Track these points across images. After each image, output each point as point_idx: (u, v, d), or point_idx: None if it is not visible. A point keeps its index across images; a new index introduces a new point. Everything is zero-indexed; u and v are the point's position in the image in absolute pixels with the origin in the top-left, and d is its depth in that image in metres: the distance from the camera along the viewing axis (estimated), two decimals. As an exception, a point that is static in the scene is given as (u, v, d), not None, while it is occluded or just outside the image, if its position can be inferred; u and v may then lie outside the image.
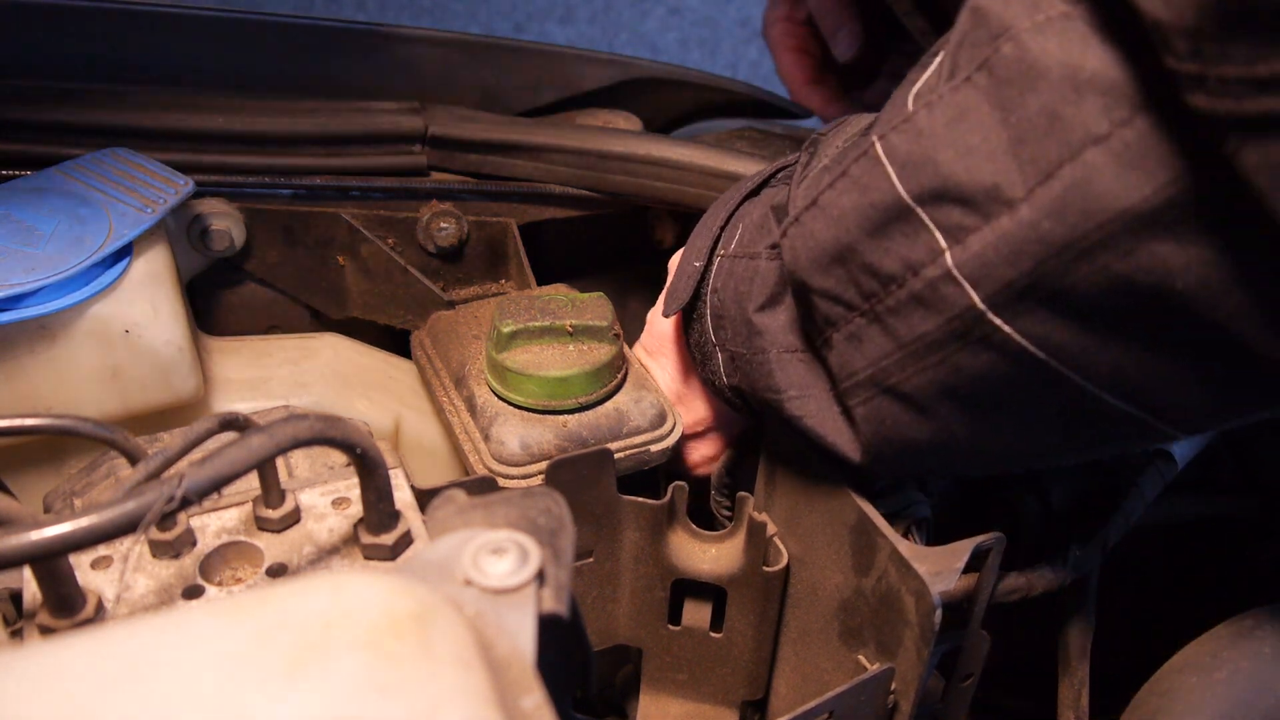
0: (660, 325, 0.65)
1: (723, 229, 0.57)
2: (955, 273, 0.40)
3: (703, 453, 0.66)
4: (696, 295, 0.57)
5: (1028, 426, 0.44)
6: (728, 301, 0.54)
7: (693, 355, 0.60)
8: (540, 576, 0.32)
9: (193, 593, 0.40)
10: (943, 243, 0.40)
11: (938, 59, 0.41)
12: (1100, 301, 0.37)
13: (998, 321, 0.39)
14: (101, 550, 0.41)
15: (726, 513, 0.66)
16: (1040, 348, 0.39)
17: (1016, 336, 0.39)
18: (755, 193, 0.57)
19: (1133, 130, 0.34)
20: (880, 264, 0.43)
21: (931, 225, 0.40)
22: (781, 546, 0.59)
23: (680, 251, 0.61)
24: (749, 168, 0.71)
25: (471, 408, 0.64)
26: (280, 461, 0.47)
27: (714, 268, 0.56)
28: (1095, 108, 0.34)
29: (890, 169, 0.41)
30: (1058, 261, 0.37)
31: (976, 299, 0.39)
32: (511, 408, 0.62)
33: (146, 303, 0.60)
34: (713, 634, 0.64)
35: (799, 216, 0.46)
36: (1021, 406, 0.43)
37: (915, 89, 0.41)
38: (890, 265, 0.42)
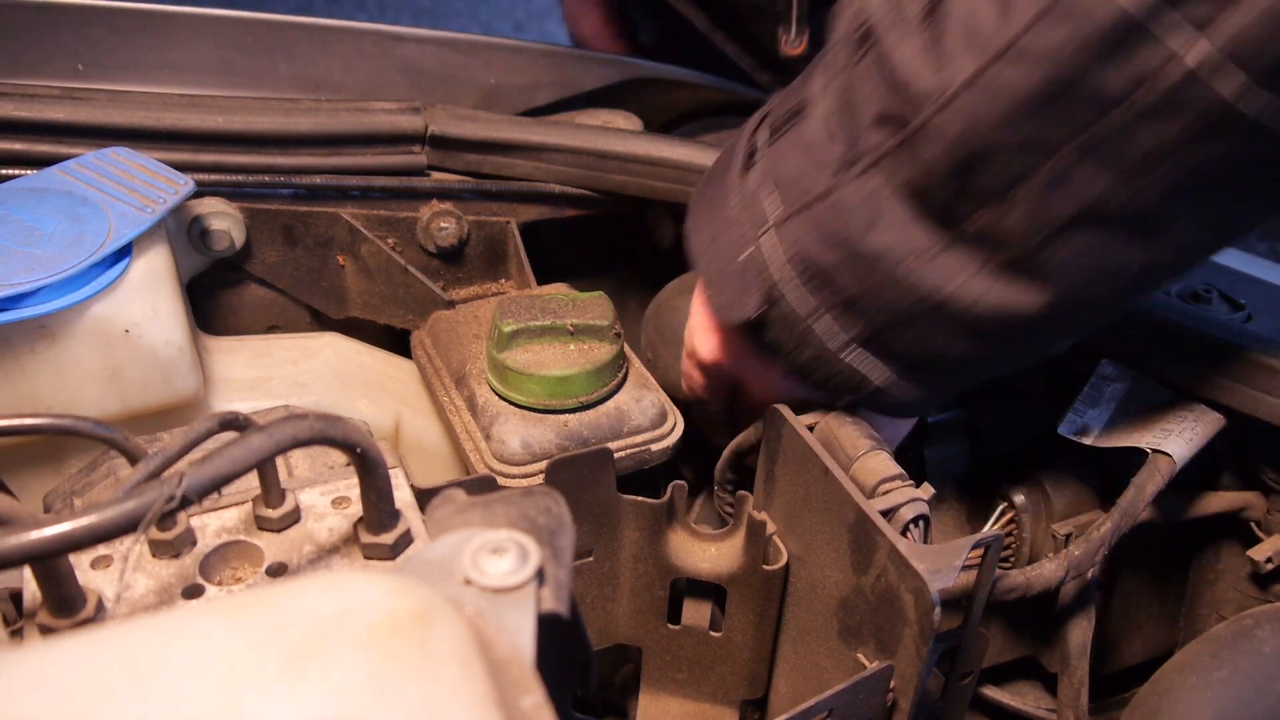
0: (709, 347, 0.61)
1: (743, 211, 0.54)
2: (1198, 71, 0.40)
3: None
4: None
5: (1251, 203, 0.46)
6: (822, 253, 0.51)
7: (771, 351, 0.56)
8: (540, 576, 0.32)
9: (193, 592, 0.40)
10: (1177, 45, 0.40)
11: None
12: None
13: (1246, 110, 0.41)
14: (101, 550, 0.41)
15: (730, 510, 0.66)
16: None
17: (1262, 119, 0.41)
18: (747, 169, 0.55)
19: None
20: (1103, 88, 0.42)
21: (1164, 30, 0.40)
22: (781, 545, 0.59)
23: (698, 313, 0.60)
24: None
25: (472, 407, 0.64)
26: (280, 461, 0.47)
27: (768, 241, 0.53)
28: None
29: None
30: None
31: (1225, 93, 0.40)
32: (512, 407, 0.62)
33: (146, 303, 0.60)
34: (712, 633, 0.64)
35: (956, 93, 0.45)
36: (1248, 184, 0.45)
37: None
38: (1115, 86, 0.42)
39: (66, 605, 0.37)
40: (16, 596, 0.41)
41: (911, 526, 0.53)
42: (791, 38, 0.77)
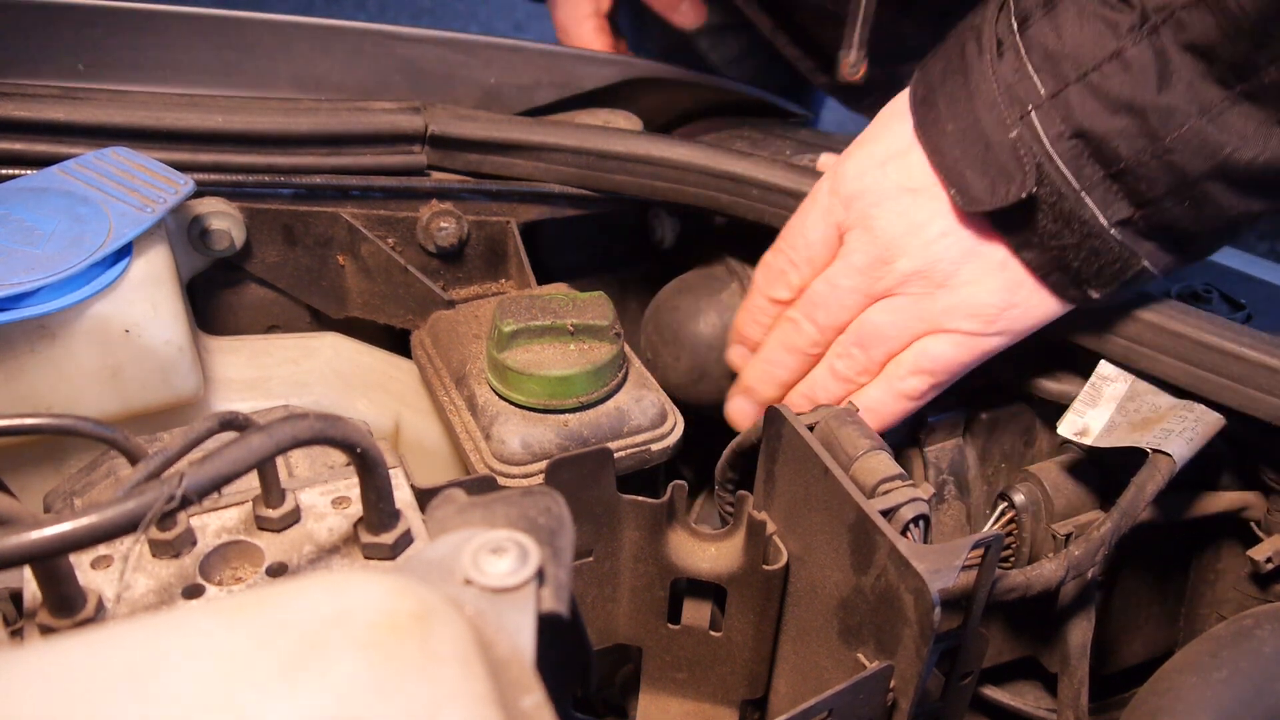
0: (919, 244, 0.59)
1: (1002, 94, 0.54)
2: None
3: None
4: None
5: None
6: (1107, 119, 0.51)
7: (1026, 238, 0.56)
8: (540, 576, 0.32)
9: (193, 592, 0.40)
10: None
11: None
12: None
13: None
14: (101, 550, 0.41)
15: (730, 509, 0.66)
16: None
17: None
18: (1000, 53, 0.55)
19: None
20: None
21: None
22: (781, 545, 0.59)
23: (878, 144, 0.60)
24: (749, 168, 0.71)
25: (472, 407, 0.64)
26: (280, 461, 0.47)
27: (1036, 119, 0.53)
28: None
29: None
30: None
31: None
32: (512, 407, 0.62)
33: (146, 302, 0.60)
34: (712, 633, 0.64)
35: None
36: None
37: None
38: None
39: (66, 605, 0.37)
40: (16, 596, 0.41)
41: (911, 526, 0.53)
42: (851, 63, 0.78)
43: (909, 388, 0.63)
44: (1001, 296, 0.59)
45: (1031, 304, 0.59)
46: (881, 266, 0.61)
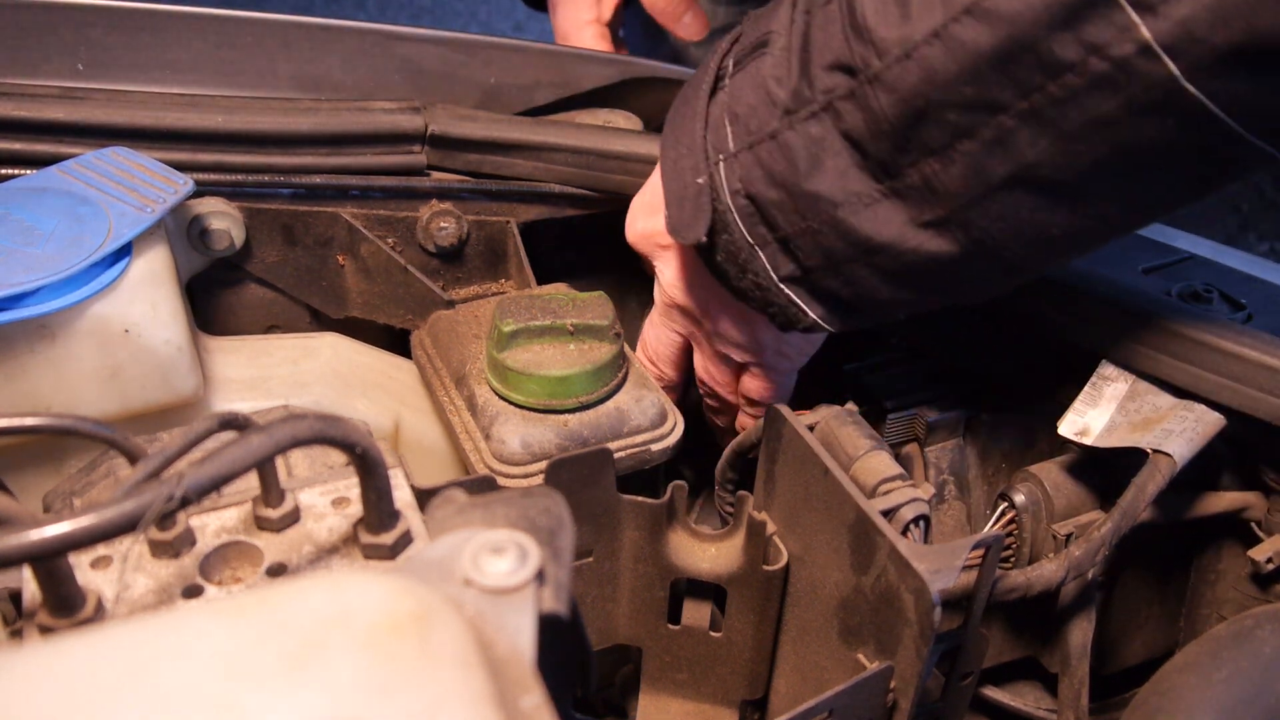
0: (670, 268, 0.64)
1: (704, 137, 0.56)
2: (1153, 45, 0.41)
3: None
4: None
5: (1173, 184, 0.47)
6: (767, 189, 0.53)
7: (719, 273, 0.59)
8: (540, 576, 0.32)
9: (192, 592, 0.40)
10: (1135, 17, 0.41)
11: None
12: None
13: (1192, 89, 0.41)
14: (101, 550, 0.41)
15: (730, 509, 0.66)
16: (1222, 107, 0.41)
17: (1205, 100, 0.41)
18: (714, 93, 0.56)
19: None
20: (1057, 54, 0.43)
21: (1125, 2, 0.41)
22: (781, 545, 0.59)
23: (647, 193, 0.62)
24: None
25: (472, 407, 0.64)
26: (280, 461, 0.47)
27: (721, 171, 0.55)
28: None
29: None
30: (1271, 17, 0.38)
31: (1175, 69, 0.41)
32: (512, 407, 0.62)
33: (146, 302, 0.60)
34: (712, 633, 0.64)
35: (916, 46, 0.46)
36: (1175, 165, 0.46)
37: None
38: (1069, 53, 0.43)
39: (66, 605, 0.37)
40: (16, 596, 0.41)
41: (912, 526, 0.53)
42: None
43: (756, 413, 0.68)
44: (744, 331, 0.63)
45: (771, 335, 0.63)
46: (670, 311, 0.67)
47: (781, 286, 0.56)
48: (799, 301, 0.56)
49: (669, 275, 0.65)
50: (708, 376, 0.69)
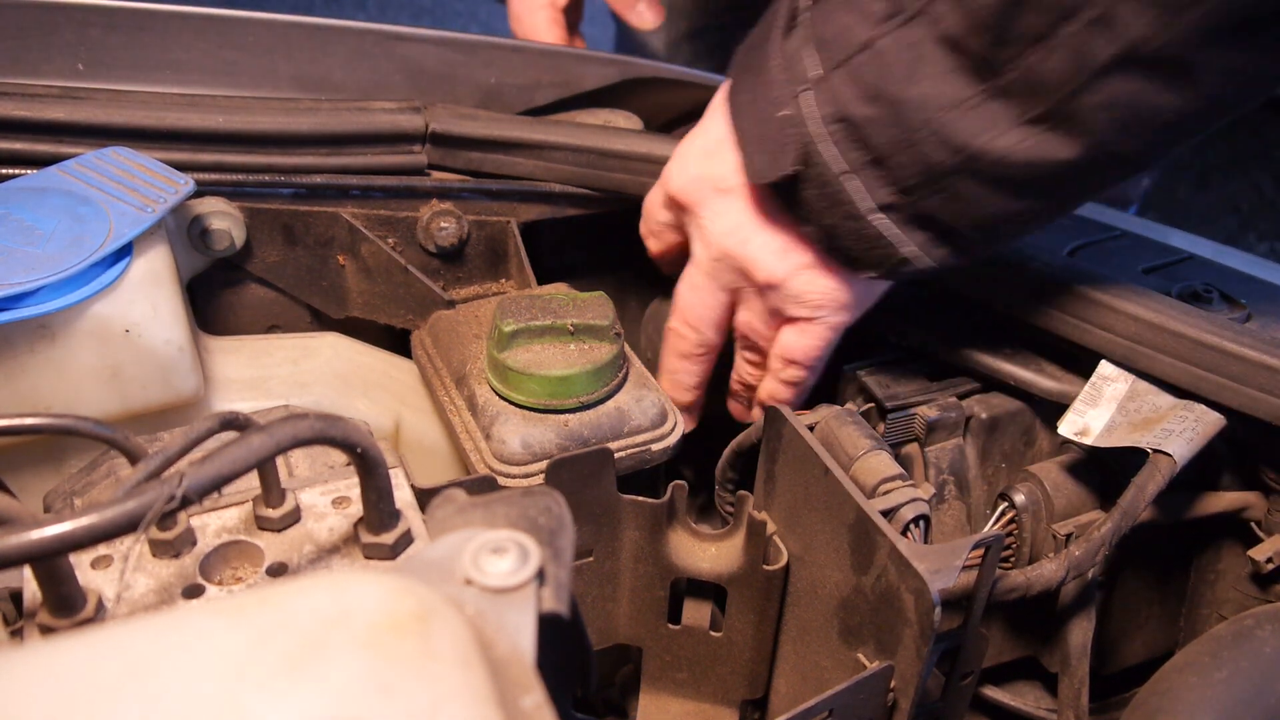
0: (720, 210, 0.61)
1: (784, 71, 0.55)
2: None
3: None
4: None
5: (1275, 60, 0.46)
6: (862, 106, 0.52)
7: (801, 214, 0.57)
8: (540, 576, 0.32)
9: (193, 592, 0.40)
10: None
11: None
12: None
13: None
14: (101, 550, 0.41)
15: (730, 509, 0.66)
16: None
17: None
18: (788, 32, 0.56)
19: None
20: None
21: None
22: (781, 545, 0.59)
23: (700, 137, 0.61)
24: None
25: (472, 407, 0.64)
26: (280, 461, 0.47)
27: (806, 100, 0.53)
28: None
29: None
30: None
31: None
32: (513, 407, 0.62)
33: (146, 302, 0.60)
34: (712, 633, 0.64)
35: None
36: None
37: None
38: None
39: (66, 605, 0.37)
40: (16, 596, 0.41)
41: (912, 526, 0.53)
42: None
43: (789, 377, 0.65)
44: (808, 278, 0.61)
45: (836, 283, 0.60)
46: (718, 265, 0.64)
47: (873, 219, 0.54)
48: (895, 230, 0.55)
49: (724, 224, 0.62)
50: (751, 331, 0.65)
